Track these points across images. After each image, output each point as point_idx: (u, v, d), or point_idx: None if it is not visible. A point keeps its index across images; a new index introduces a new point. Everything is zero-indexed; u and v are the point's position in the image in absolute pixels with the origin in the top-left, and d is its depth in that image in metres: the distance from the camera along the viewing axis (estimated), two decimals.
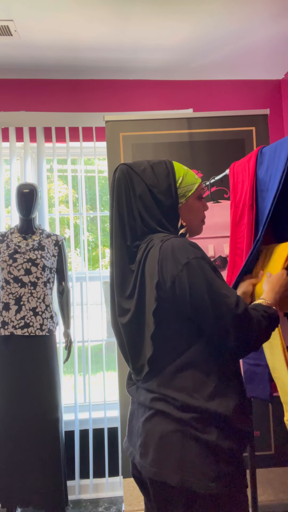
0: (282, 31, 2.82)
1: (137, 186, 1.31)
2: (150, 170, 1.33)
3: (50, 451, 2.58)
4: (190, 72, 3.31)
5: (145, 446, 1.21)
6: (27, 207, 2.70)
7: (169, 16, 2.61)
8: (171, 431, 1.17)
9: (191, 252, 1.20)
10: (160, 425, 1.19)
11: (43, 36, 2.77)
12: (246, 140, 2.67)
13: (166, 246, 1.21)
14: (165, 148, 2.63)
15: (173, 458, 1.15)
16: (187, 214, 1.36)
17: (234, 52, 3.06)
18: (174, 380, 1.21)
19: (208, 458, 1.14)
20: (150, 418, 1.22)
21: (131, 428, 1.33)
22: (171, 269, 1.18)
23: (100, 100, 3.30)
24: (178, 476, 1.14)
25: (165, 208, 1.31)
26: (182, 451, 1.15)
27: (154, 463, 1.17)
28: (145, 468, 1.20)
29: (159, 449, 1.18)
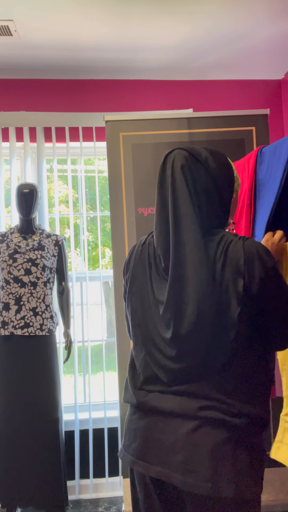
0: (282, 31, 2.82)
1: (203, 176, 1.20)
2: (212, 160, 1.23)
3: (50, 451, 2.59)
4: (190, 72, 3.31)
5: (192, 461, 1.09)
6: (27, 207, 2.70)
7: (169, 16, 2.61)
8: (224, 440, 1.10)
9: (273, 256, 1.17)
10: (210, 435, 1.10)
11: (43, 36, 2.77)
12: (246, 140, 2.67)
13: (249, 246, 1.14)
14: (165, 148, 2.63)
15: (228, 470, 1.08)
16: (232, 210, 1.31)
17: (234, 52, 3.06)
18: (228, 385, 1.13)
19: (257, 465, 1.13)
20: (197, 429, 1.11)
21: (149, 445, 1.17)
22: (258, 271, 1.12)
23: (100, 100, 3.30)
24: (233, 487, 1.07)
25: (224, 202, 1.23)
26: (236, 460, 1.09)
27: (209, 478, 1.07)
28: (194, 486, 1.08)
29: (212, 462, 1.09)
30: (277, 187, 1.55)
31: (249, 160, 1.86)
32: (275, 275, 1.14)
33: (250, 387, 1.14)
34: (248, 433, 1.12)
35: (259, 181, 1.73)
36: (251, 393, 1.14)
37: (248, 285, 1.12)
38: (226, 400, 1.11)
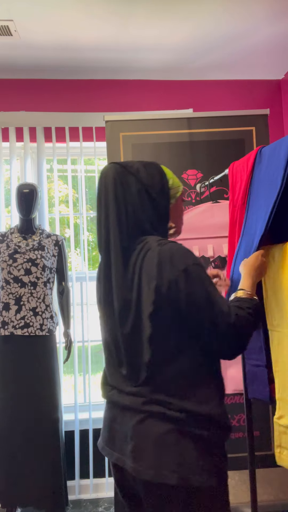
0: (282, 31, 2.82)
1: (133, 186, 1.29)
2: (143, 169, 1.32)
3: (50, 451, 2.59)
4: (190, 72, 3.31)
5: (139, 450, 1.19)
6: (27, 207, 2.70)
7: (169, 16, 2.61)
8: (167, 431, 1.18)
9: (190, 258, 1.22)
10: (155, 426, 1.19)
11: (43, 36, 2.76)
12: (246, 140, 2.67)
13: (164, 249, 1.22)
14: (165, 148, 2.63)
15: (171, 458, 1.16)
16: (174, 215, 1.39)
17: (234, 52, 3.06)
18: (167, 387, 1.21)
19: (204, 453, 1.19)
20: (143, 421, 1.21)
21: (113, 434, 1.30)
22: (169, 273, 1.19)
23: (100, 100, 3.30)
24: (177, 474, 1.15)
25: (159, 208, 1.32)
26: (179, 449, 1.17)
27: (152, 465, 1.17)
28: (140, 472, 1.18)
29: (156, 451, 1.17)
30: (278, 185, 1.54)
31: (248, 160, 1.86)
32: (186, 277, 1.18)
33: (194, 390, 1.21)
34: (193, 426, 1.19)
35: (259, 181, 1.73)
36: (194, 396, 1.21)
37: (160, 288, 1.19)
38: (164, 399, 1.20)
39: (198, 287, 1.19)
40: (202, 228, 2.25)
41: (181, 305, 1.20)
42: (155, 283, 1.19)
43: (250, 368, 1.90)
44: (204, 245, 2.25)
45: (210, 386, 1.24)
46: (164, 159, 2.62)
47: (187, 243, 2.24)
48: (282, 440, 1.64)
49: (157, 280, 1.19)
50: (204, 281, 1.21)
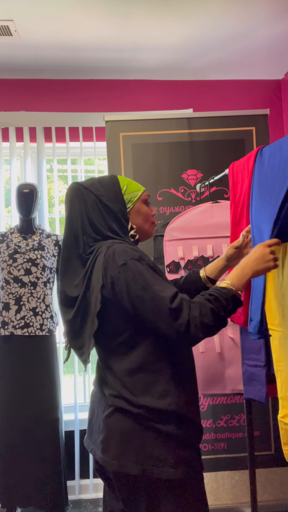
0: (282, 31, 2.82)
1: (87, 197, 1.43)
2: (97, 183, 1.46)
3: (50, 451, 2.58)
4: (190, 72, 3.31)
5: (106, 442, 1.30)
6: (27, 207, 2.70)
7: (169, 16, 2.61)
8: (131, 425, 1.27)
9: (130, 254, 1.30)
10: (120, 421, 1.29)
11: (43, 36, 2.76)
12: (246, 140, 2.67)
13: (109, 251, 1.32)
14: (165, 148, 2.63)
15: (133, 450, 1.26)
16: (136, 217, 1.49)
17: (234, 52, 3.06)
18: (126, 382, 1.30)
19: (166, 446, 1.25)
20: (110, 415, 1.31)
21: (92, 426, 1.42)
22: (111, 271, 1.29)
23: (100, 100, 3.30)
24: (139, 466, 1.24)
25: (114, 214, 1.43)
26: (141, 442, 1.26)
27: (116, 457, 1.27)
28: (107, 462, 1.28)
29: (120, 444, 1.27)
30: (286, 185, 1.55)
31: (248, 159, 1.86)
32: (124, 272, 1.27)
33: (153, 385, 1.29)
34: (154, 421, 1.26)
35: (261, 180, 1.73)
36: (153, 390, 1.28)
37: (105, 286, 1.30)
38: (125, 395, 1.29)
39: (136, 278, 1.26)
40: (201, 228, 2.25)
41: (124, 300, 1.28)
42: (101, 284, 1.30)
43: (248, 368, 1.90)
44: (203, 245, 2.25)
45: (169, 381, 1.29)
46: (164, 159, 2.62)
47: (187, 243, 2.26)
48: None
49: (102, 280, 1.30)
50: (143, 272, 1.27)
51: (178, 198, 2.62)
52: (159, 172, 2.62)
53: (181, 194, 2.63)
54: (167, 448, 1.25)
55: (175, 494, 1.26)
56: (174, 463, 1.24)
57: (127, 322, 1.32)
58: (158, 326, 1.25)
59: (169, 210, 2.60)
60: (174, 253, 2.27)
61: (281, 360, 1.65)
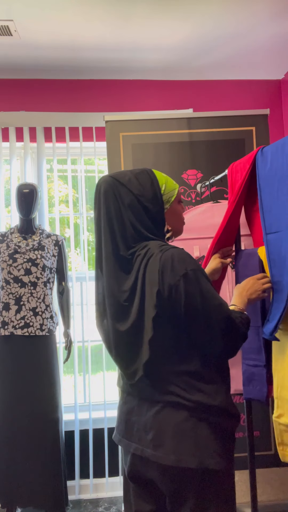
0: (282, 31, 2.82)
1: (125, 197, 1.36)
2: (135, 180, 1.38)
3: (50, 451, 2.58)
4: (190, 72, 3.31)
5: (159, 438, 1.28)
6: (27, 207, 2.70)
7: (169, 16, 2.61)
8: (184, 419, 1.27)
9: (190, 263, 1.28)
10: (172, 415, 1.28)
11: (43, 36, 2.76)
12: (246, 140, 2.67)
13: (166, 256, 1.28)
14: (165, 148, 2.63)
15: (190, 443, 1.25)
16: (171, 218, 1.45)
17: (234, 52, 3.06)
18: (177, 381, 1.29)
19: (218, 438, 1.27)
20: (160, 410, 1.30)
21: (130, 425, 1.38)
22: (170, 278, 1.26)
23: (100, 100, 3.30)
24: (197, 458, 1.24)
25: (153, 215, 1.38)
26: (196, 435, 1.26)
27: (172, 451, 1.25)
28: (161, 458, 1.26)
29: (175, 438, 1.26)
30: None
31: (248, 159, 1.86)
32: (185, 282, 1.25)
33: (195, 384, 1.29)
34: (206, 413, 1.27)
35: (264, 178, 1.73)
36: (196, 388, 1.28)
37: (161, 292, 1.26)
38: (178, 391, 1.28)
39: (196, 289, 1.26)
40: (202, 228, 2.25)
41: (180, 308, 1.26)
42: (157, 288, 1.26)
43: (247, 368, 1.90)
44: (204, 245, 2.25)
45: (216, 381, 1.31)
46: (164, 159, 2.62)
47: (187, 243, 2.26)
48: (283, 438, 1.65)
49: (159, 285, 1.26)
50: (203, 284, 1.27)
51: None
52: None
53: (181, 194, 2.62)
54: (219, 440, 1.28)
55: (221, 483, 1.29)
56: (223, 454, 1.27)
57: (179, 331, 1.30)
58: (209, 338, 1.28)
59: None
60: None
61: (278, 360, 1.66)
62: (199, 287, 1.26)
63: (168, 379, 1.30)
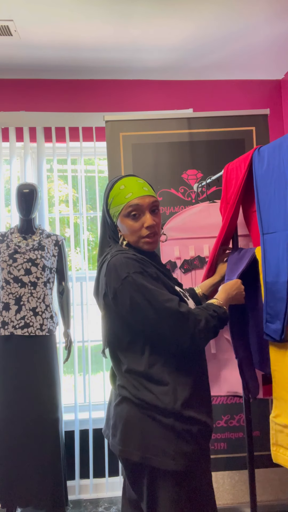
0: (282, 31, 2.82)
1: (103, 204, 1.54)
2: (107, 189, 1.53)
3: (50, 451, 2.59)
4: (190, 72, 3.31)
5: (114, 428, 1.40)
6: (27, 207, 2.70)
7: (169, 16, 2.61)
8: (134, 415, 1.35)
9: (131, 266, 1.35)
10: (126, 409, 1.37)
11: (43, 36, 2.76)
12: (246, 140, 2.67)
13: (111, 262, 1.39)
14: (165, 148, 2.63)
15: (136, 438, 1.33)
16: (122, 231, 1.50)
17: (234, 52, 3.06)
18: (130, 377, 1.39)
19: (167, 438, 1.30)
20: (119, 403, 1.41)
21: (109, 413, 1.51)
22: (114, 282, 1.35)
23: (100, 100, 3.30)
24: (140, 454, 1.31)
25: (108, 225, 1.53)
26: (144, 432, 1.32)
27: (121, 442, 1.36)
28: (114, 446, 1.39)
29: (125, 430, 1.36)
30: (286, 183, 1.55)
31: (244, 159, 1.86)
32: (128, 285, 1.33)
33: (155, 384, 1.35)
34: (157, 413, 1.32)
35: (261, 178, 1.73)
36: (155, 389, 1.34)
37: (107, 294, 1.38)
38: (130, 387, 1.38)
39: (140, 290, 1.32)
40: (198, 228, 2.24)
41: (125, 309, 1.35)
42: (104, 291, 1.39)
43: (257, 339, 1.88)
44: (200, 245, 2.25)
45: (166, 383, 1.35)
46: (164, 159, 2.62)
47: (183, 242, 2.26)
48: (278, 438, 1.64)
49: (105, 289, 1.39)
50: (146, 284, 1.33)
51: (178, 198, 2.62)
52: (159, 172, 2.61)
53: (181, 194, 2.63)
54: (167, 440, 1.30)
55: (174, 485, 1.30)
56: (173, 455, 1.29)
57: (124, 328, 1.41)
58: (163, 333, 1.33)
59: (169, 210, 2.60)
60: (171, 253, 2.27)
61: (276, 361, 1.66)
62: (143, 288, 1.32)
63: (124, 375, 1.41)
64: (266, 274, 1.68)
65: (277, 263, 1.62)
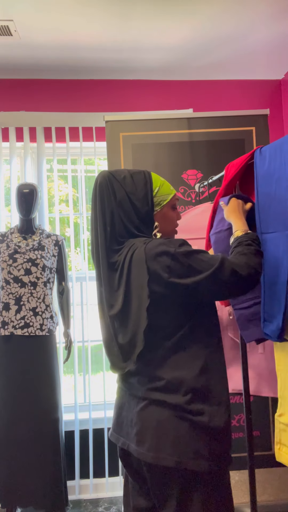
0: (282, 31, 2.82)
1: (118, 192, 1.40)
2: (129, 178, 1.43)
3: (50, 451, 2.59)
4: (190, 72, 3.31)
5: (141, 434, 1.30)
6: (27, 207, 2.70)
7: (169, 16, 2.61)
8: (166, 418, 1.28)
9: (174, 242, 1.32)
10: (156, 413, 1.30)
11: (43, 36, 2.77)
12: (246, 140, 2.67)
13: (149, 246, 1.32)
14: (165, 148, 2.63)
15: (169, 442, 1.26)
16: (161, 221, 1.46)
17: (234, 52, 3.06)
18: (165, 365, 1.32)
19: (201, 439, 1.26)
20: (145, 407, 1.32)
21: (121, 419, 1.42)
22: (163, 262, 1.28)
23: (100, 100, 3.30)
24: (175, 458, 1.25)
25: (141, 214, 1.41)
26: (177, 435, 1.26)
27: (152, 449, 1.27)
28: (142, 454, 1.29)
29: (156, 435, 1.28)
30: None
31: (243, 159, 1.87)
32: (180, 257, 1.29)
33: (191, 364, 1.31)
34: (190, 411, 1.27)
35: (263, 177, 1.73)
36: (191, 368, 1.30)
37: (155, 278, 1.29)
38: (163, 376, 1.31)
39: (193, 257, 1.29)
40: (201, 229, 2.24)
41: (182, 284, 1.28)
42: (147, 278, 1.29)
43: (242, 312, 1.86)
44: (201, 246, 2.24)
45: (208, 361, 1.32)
46: (164, 159, 2.62)
47: None
48: (282, 437, 1.65)
49: (149, 274, 1.29)
50: (194, 251, 1.31)
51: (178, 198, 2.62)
52: (159, 172, 2.60)
53: (181, 194, 2.63)
54: (202, 441, 1.26)
55: (207, 486, 1.27)
56: (207, 456, 1.26)
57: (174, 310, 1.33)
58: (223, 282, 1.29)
59: None
60: None
61: (281, 360, 1.66)
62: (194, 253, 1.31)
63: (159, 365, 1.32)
64: (265, 274, 1.68)
65: (276, 263, 1.62)
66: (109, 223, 1.39)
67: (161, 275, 1.28)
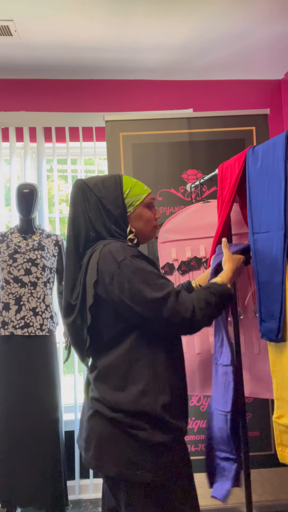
0: (282, 31, 2.82)
1: (90, 199, 1.44)
2: (100, 183, 1.46)
3: (50, 451, 2.59)
4: (190, 72, 3.31)
5: (87, 442, 1.35)
6: (27, 207, 2.70)
7: (169, 16, 2.61)
8: (107, 431, 1.30)
9: (128, 251, 1.34)
10: (99, 424, 1.32)
11: (43, 36, 2.77)
12: (246, 140, 2.67)
13: (105, 249, 1.35)
14: (165, 148, 2.63)
15: (111, 455, 1.28)
16: (136, 221, 1.48)
17: (234, 52, 3.06)
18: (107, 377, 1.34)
19: (142, 452, 1.26)
20: (91, 417, 1.35)
21: (82, 423, 1.45)
22: (109, 267, 1.31)
23: (100, 100, 3.30)
24: (116, 469, 1.27)
25: (114, 217, 1.44)
26: (118, 448, 1.28)
27: (95, 458, 1.31)
28: (87, 460, 1.34)
29: (98, 447, 1.31)
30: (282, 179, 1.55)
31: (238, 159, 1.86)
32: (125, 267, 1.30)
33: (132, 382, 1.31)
34: (130, 426, 1.28)
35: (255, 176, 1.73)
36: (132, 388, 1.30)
37: (100, 281, 1.32)
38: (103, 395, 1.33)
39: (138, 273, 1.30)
40: (194, 229, 2.23)
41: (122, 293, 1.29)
42: (95, 279, 1.32)
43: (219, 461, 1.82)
44: (196, 246, 2.24)
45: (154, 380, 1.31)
46: (164, 159, 2.62)
47: (179, 244, 2.25)
48: (283, 438, 1.64)
49: (97, 275, 1.33)
50: (143, 268, 1.31)
51: (178, 198, 2.62)
52: (159, 172, 2.62)
53: (181, 194, 2.63)
54: (143, 455, 1.26)
55: (153, 497, 1.27)
56: (152, 469, 1.25)
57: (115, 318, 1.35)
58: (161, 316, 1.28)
59: (169, 210, 2.60)
60: (168, 254, 2.26)
61: (276, 361, 1.65)
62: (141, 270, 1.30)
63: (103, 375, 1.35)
64: (258, 274, 1.68)
65: (270, 263, 1.62)
66: (82, 229, 1.43)
67: (104, 279, 1.31)
